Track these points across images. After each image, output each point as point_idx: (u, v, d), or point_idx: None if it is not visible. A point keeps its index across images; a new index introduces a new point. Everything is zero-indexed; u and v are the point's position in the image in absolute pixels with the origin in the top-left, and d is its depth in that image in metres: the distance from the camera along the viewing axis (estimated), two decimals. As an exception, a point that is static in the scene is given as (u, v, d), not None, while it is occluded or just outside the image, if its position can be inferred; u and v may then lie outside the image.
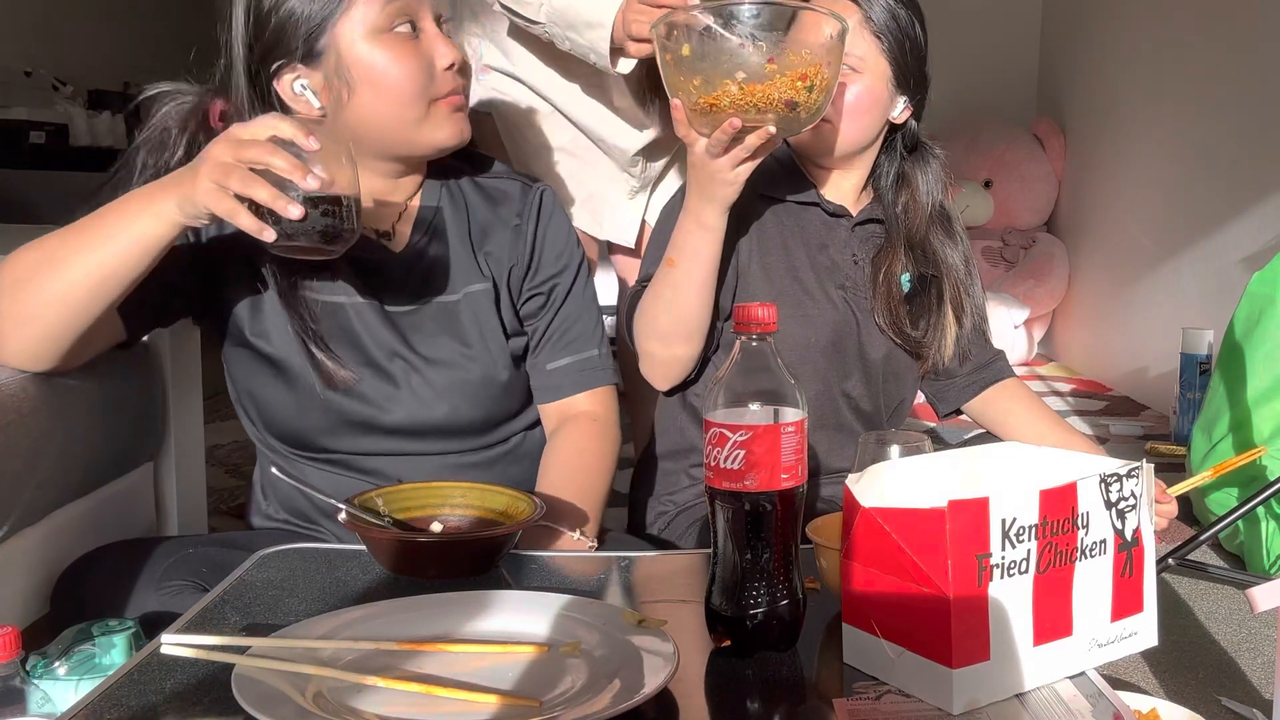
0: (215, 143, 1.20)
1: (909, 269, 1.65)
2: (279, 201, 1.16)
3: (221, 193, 1.17)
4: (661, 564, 1.31)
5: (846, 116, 1.57)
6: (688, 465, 1.67)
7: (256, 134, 1.19)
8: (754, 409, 0.98)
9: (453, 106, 1.40)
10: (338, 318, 1.42)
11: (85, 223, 1.26)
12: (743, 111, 1.31)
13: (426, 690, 0.91)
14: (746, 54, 1.30)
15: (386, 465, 1.45)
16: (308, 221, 1.18)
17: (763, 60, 1.30)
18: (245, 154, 1.17)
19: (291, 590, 1.16)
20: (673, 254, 1.50)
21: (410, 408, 1.43)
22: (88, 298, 1.25)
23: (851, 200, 1.67)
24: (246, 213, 1.17)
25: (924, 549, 0.90)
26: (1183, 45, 3.50)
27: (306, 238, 1.19)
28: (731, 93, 1.30)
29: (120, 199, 1.25)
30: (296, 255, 1.24)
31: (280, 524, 1.50)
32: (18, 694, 0.93)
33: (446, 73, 1.38)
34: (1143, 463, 1.00)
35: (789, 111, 1.31)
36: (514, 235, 1.50)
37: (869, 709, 0.91)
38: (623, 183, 2.03)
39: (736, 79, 1.29)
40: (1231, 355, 2.19)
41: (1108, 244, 4.08)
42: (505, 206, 1.51)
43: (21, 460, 1.33)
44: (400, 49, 1.34)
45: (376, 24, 1.33)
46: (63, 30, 4.30)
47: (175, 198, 1.21)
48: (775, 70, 1.29)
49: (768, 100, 1.30)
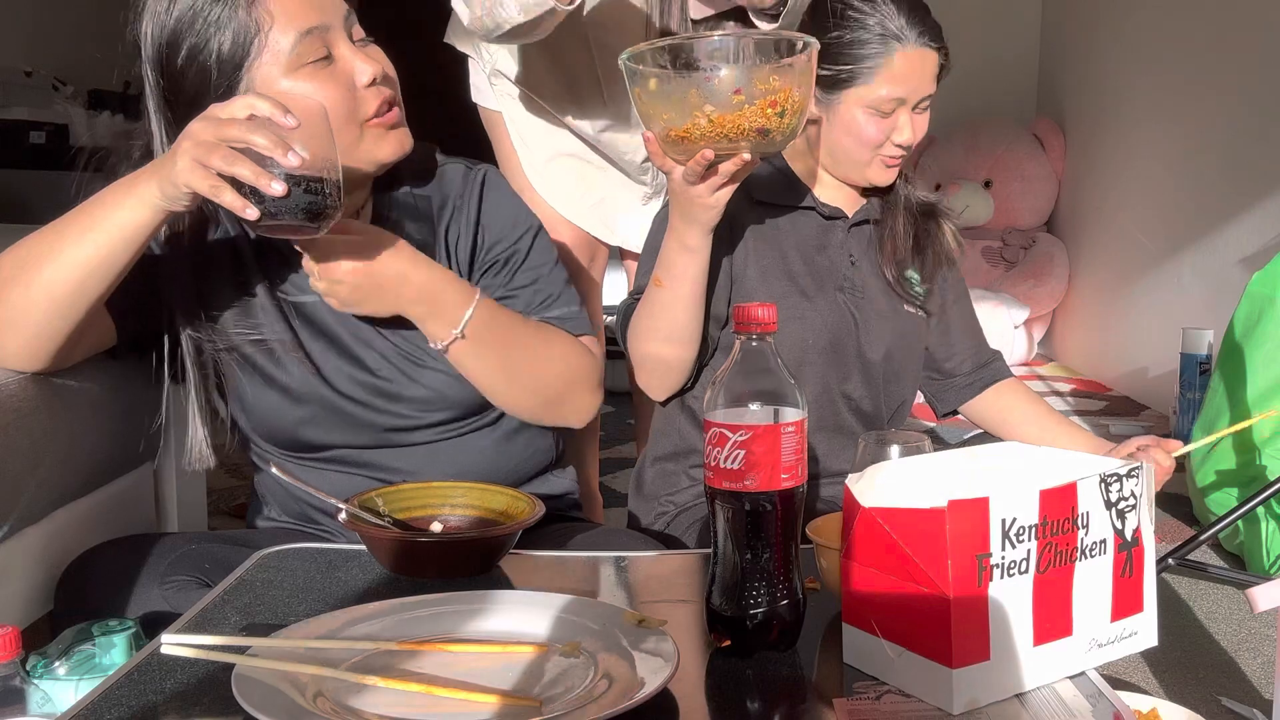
0: (193, 122, 1.19)
1: (912, 289, 1.68)
2: (262, 179, 1.15)
3: (203, 170, 1.16)
4: (661, 564, 1.31)
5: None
6: (687, 466, 1.67)
7: (235, 112, 1.17)
8: (754, 409, 0.99)
9: (386, 126, 1.36)
10: (318, 312, 1.43)
11: (65, 219, 1.25)
12: (715, 142, 1.30)
13: (426, 690, 0.91)
14: (712, 86, 1.28)
15: (378, 457, 1.44)
16: (291, 199, 1.17)
17: (729, 92, 1.28)
18: (226, 132, 1.16)
19: (291, 590, 1.17)
20: (660, 274, 1.51)
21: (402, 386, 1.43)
22: (75, 292, 1.25)
23: (847, 200, 1.68)
24: (230, 189, 1.16)
25: (924, 549, 0.90)
26: (1183, 45, 3.50)
27: (291, 215, 1.18)
28: (702, 125, 1.29)
29: (101, 192, 1.25)
30: (279, 235, 1.23)
31: (282, 523, 1.50)
32: (18, 694, 0.93)
33: (369, 90, 1.34)
34: (1143, 463, 1.01)
35: (762, 138, 1.31)
36: (462, 215, 1.48)
37: (869, 709, 0.91)
38: (634, 190, 2.03)
39: (705, 111, 1.29)
40: (1231, 355, 2.19)
41: (1108, 244, 4.08)
42: (452, 191, 1.49)
43: (22, 460, 1.33)
44: (318, 78, 1.31)
45: (291, 60, 1.30)
46: (63, 30, 4.30)
47: (156, 181, 1.20)
48: (743, 100, 1.28)
49: (739, 130, 1.29)
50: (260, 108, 1.17)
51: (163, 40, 1.30)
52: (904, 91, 1.58)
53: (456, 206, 1.48)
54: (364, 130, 1.34)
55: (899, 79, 1.57)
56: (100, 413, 1.48)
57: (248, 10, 1.28)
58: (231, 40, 1.28)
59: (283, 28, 1.29)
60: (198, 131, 1.17)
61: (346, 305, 1.35)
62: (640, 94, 1.32)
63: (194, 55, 1.29)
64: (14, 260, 1.26)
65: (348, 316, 1.42)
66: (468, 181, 1.50)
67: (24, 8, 4.23)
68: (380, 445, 1.44)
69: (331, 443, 1.44)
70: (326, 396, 1.41)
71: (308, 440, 1.44)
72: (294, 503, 1.48)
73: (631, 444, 2.65)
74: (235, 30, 1.28)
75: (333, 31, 1.33)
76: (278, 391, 1.42)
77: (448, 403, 1.43)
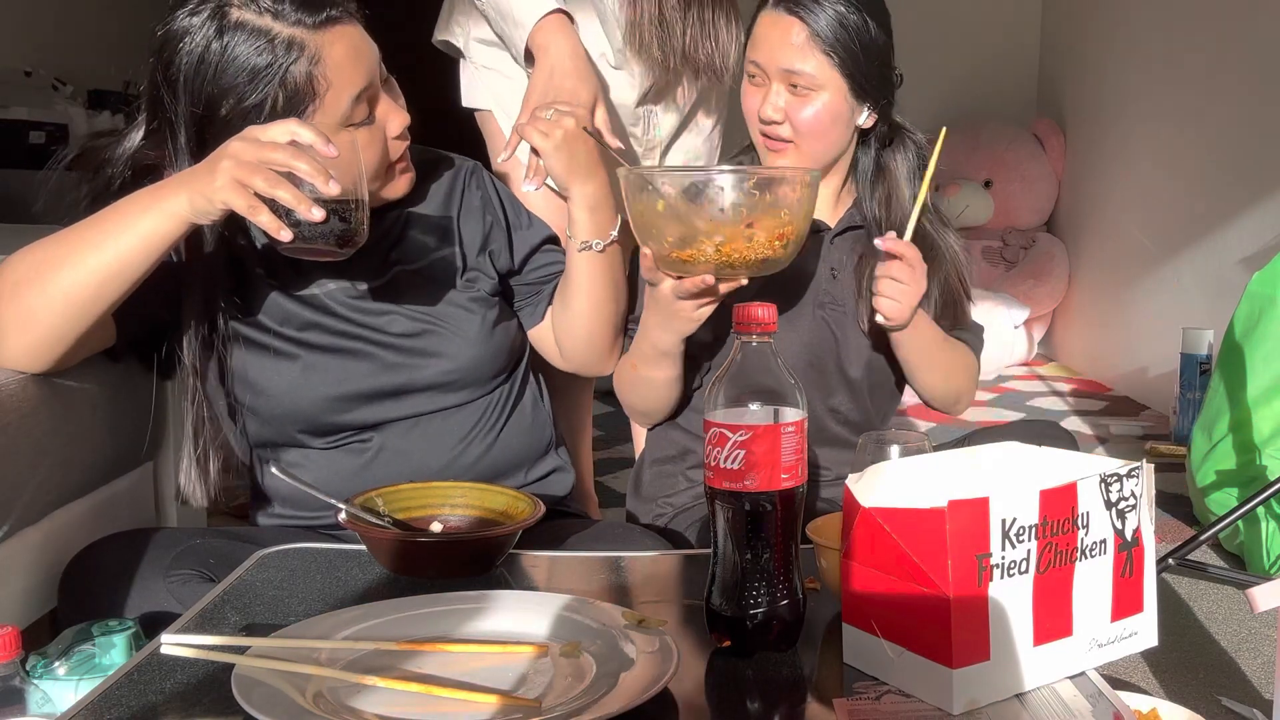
0: (233, 141, 1.22)
1: None
2: (302, 204, 1.18)
3: (243, 190, 1.18)
4: (661, 564, 1.31)
5: (808, 138, 1.54)
6: (685, 468, 1.66)
7: (276, 137, 1.20)
8: (754, 409, 0.99)
9: (402, 168, 1.45)
10: (328, 304, 1.46)
11: (87, 223, 1.27)
12: (717, 268, 1.31)
13: (426, 690, 0.91)
14: (726, 219, 1.29)
15: (390, 439, 1.47)
16: (326, 225, 1.21)
17: (741, 223, 1.29)
18: (268, 155, 1.19)
19: (291, 590, 1.17)
20: (634, 359, 1.54)
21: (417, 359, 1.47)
22: (92, 297, 1.26)
23: (830, 207, 1.64)
24: (267, 210, 1.19)
25: (924, 549, 0.90)
26: (1183, 45, 3.50)
27: (323, 240, 1.23)
28: (707, 253, 1.29)
29: (122, 200, 1.26)
30: (305, 256, 1.26)
31: (285, 519, 1.51)
32: (18, 694, 0.93)
33: (397, 141, 1.41)
34: (1143, 463, 1.01)
35: (763, 265, 1.33)
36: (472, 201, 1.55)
37: (869, 709, 0.91)
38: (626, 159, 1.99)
39: (714, 240, 1.29)
40: (1231, 355, 2.19)
41: (1108, 244, 4.07)
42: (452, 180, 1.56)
43: (22, 460, 1.33)
44: (366, 138, 1.36)
45: (339, 121, 1.34)
46: (63, 30, 4.29)
47: (186, 194, 1.22)
48: (754, 233, 1.29)
49: (744, 260, 1.31)
50: (303, 135, 1.20)
51: (207, 78, 1.30)
52: (758, 55, 1.54)
53: (464, 191, 1.55)
54: (387, 172, 1.42)
55: (756, 42, 1.55)
56: (100, 413, 1.48)
57: (307, 71, 1.30)
58: (286, 100, 1.31)
59: (338, 92, 1.33)
60: (239, 151, 1.20)
61: (558, 149, 1.47)
62: (644, 210, 1.33)
63: (241, 101, 1.31)
64: (31, 263, 1.27)
65: (360, 307, 1.45)
66: (462, 171, 1.56)
67: (24, 8, 4.23)
68: (390, 420, 1.47)
69: (347, 423, 1.46)
70: (350, 370, 1.45)
71: (327, 422, 1.45)
72: (296, 493, 1.48)
73: (630, 444, 2.65)
74: (294, 89, 1.31)
75: (373, 87, 1.37)
76: (296, 372, 1.44)
77: (461, 370, 1.48)
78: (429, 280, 1.50)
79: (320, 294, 1.46)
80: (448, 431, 1.49)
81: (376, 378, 1.46)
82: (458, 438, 1.49)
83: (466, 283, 1.52)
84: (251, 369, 1.44)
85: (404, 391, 1.47)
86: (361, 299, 1.47)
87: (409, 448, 1.47)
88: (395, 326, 1.47)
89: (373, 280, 1.47)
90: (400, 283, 1.48)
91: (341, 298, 1.46)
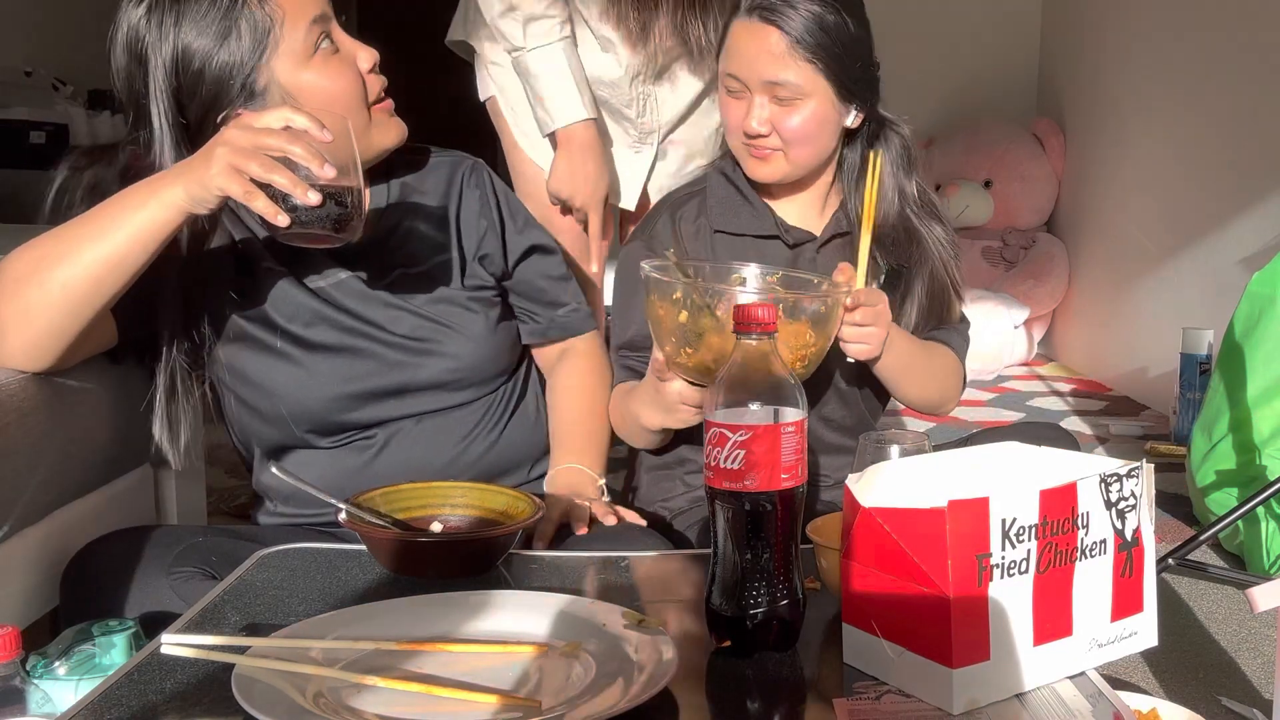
0: (228, 129, 1.22)
1: (879, 273, 1.57)
2: (298, 188, 1.18)
3: (239, 176, 1.19)
4: (661, 564, 1.31)
5: (795, 145, 1.51)
6: (683, 473, 1.65)
7: (270, 123, 1.21)
8: (754, 409, 0.98)
9: (387, 111, 1.44)
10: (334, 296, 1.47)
11: (84, 218, 1.27)
12: None
13: (426, 690, 0.91)
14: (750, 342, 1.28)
15: (394, 436, 1.47)
16: (322, 209, 1.21)
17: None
18: (264, 140, 1.19)
19: (291, 590, 1.17)
20: (622, 428, 1.55)
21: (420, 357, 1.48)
22: (91, 291, 1.26)
23: (817, 213, 1.62)
24: (263, 196, 1.19)
25: (924, 549, 0.90)
26: (1182, 45, 3.50)
27: (319, 225, 1.22)
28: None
29: (119, 193, 1.27)
30: (301, 243, 1.26)
31: (287, 518, 1.51)
32: (18, 694, 0.93)
33: (372, 75, 1.42)
34: (1143, 463, 1.01)
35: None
36: (470, 201, 1.54)
37: (869, 709, 0.91)
38: (621, 140, 1.98)
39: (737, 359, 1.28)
40: (1231, 355, 2.19)
41: (1108, 244, 4.07)
42: (452, 178, 1.55)
43: (22, 460, 1.33)
44: (331, 66, 1.37)
45: (304, 49, 1.35)
46: (63, 30, 4.29)
47: (183, 183, 1.22)
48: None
49: None
50: (297, 121, 1.21)
51: (178, 50, 1.32)
52: (737, 68, 1.49)
53: (462, 190, 1.54)
54: (372, 115, 1.41)
55: (732, 53, 1.50)
56: (100, 413, 1.48)
57: (260, 7, 1.33)
58: (251, 37, 1.32)
59: (294, 20, 1.34)
60: (234, 138, 1.20)
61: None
62: (665, 316, 1.31)
63: (208, 59, 1.32)
64: (30, 258, 1.27)
65: (364, 305, 1.46)
66: (461, 169, 1.56)
67: (24, 8, 4.23)
68: (394, 418, 1.47)
69: (352, 422, 1.46)
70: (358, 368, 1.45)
71: (333, 420, 1.45)
72: (298, 490, 1.48)
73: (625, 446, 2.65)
74: (253, 28, 1.32)
75: (331, 21, 1.38)
76: (301, 371, 1.44)
77: (464, 369, 1.49)
78: (432, 279, 1.50)
79: (327, 285, 1.46)
80: (450, 430, 1.49)
81: (381, 376, 1.46)
82: (460, 436, 1.49)
83: (468, 282, 1.53)
84: (258, 371, 1.44)
85: (408, 390, 1.47)
86: (366, 297, 1.47)
87: (412, 446, 1.47)
88: (399, 325, 1.47)
89: (376, 279, 1.47)
90: (403, 282, 1.49)
91: (347, 292, 1.46)
